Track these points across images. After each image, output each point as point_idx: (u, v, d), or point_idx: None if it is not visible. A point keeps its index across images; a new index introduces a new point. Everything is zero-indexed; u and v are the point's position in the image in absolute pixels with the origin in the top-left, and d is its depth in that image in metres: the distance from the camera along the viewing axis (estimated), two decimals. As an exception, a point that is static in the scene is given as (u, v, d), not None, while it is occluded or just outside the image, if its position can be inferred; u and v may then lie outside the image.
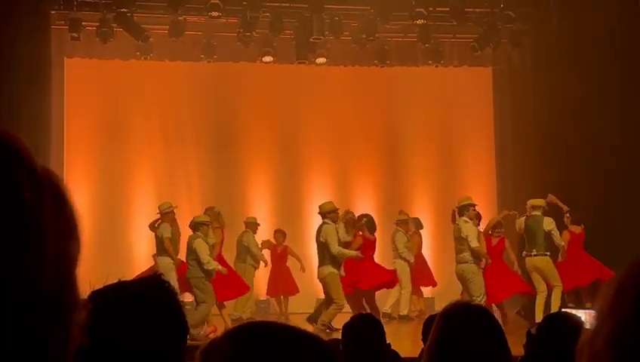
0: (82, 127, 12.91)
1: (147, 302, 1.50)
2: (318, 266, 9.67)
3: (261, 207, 13.16)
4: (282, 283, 11.80)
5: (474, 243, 9.61)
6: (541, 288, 9.80)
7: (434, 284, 11.94)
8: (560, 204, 10.45)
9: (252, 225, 11.52)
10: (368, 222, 10.72)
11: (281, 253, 11.89)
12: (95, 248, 12.65)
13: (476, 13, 12.07)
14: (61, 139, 12.45)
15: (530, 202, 10.12)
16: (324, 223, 9.67)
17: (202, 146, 13.32)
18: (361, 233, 10.56)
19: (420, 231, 11.99)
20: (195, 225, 9.55)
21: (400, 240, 11.25)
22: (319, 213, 9.87)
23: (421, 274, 11.61)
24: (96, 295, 1.51)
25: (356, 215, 10.67)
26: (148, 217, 11.01)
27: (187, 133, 13.35)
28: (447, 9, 11.84)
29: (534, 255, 9.84)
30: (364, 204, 12.81)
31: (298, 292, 11.76)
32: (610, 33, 10.35)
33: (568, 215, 10.39)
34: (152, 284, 1.56)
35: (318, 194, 13.39)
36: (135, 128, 13.12)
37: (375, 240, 10.77)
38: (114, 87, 12.99)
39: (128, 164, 13.10)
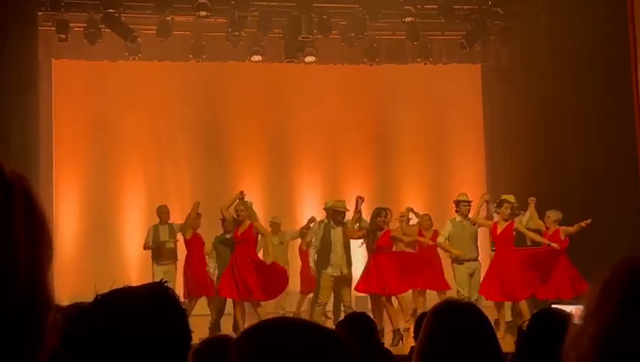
0: (71, 129, 12.87)
1: (148, 309, 1.50)
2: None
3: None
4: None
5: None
6: None
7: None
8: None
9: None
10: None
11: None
12: (85, 249, 12.65)
13: (464, 10, 12.09)
14: (50, 140, 12.40)
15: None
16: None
17: (192, 146, 13.31)
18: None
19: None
20: None
21: None
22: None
23: None
24: (99, 300, 1.51)
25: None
26: (139, 217, 11.00)
27: (177, 133, 13.33)
28: (436, 6, 11.87)
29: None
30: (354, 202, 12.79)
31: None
32: (600, 30, 10.38)
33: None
34: (155, 291, 1.55)
35: (308, 192, 13.41)
36: (124, 129, 13.09)
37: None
38: (102, 88, 12.94)
39: (118, 165, 13.07)
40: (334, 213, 9.86)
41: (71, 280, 12.17)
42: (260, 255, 9.97)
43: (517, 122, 12.64)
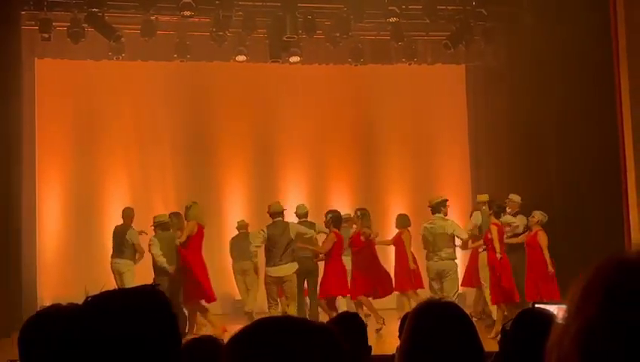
0: (54, 128, 12.79)
1: (137, 311, 1.49)
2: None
3: (236, 207, 13.13)
4: None
5: (464, 236, 9.93)
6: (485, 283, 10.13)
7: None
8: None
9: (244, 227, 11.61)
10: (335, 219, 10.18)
11: None
12: (68, 249, 12.57)
13: (448, 11, 12.13)
14: (33, 140, 12.32)
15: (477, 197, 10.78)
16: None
17: (176, 146, 13.26)
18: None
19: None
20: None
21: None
22: (268, 212, 10.05)
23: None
24: (89, 303, 1.50)
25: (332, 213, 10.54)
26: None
27: (161, 133, 13.28)
28: (420, 7, 11.89)
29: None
30: (340, 202, 12.81)
31: None
32: (584, 31, 10.43)
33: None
34: (144, 293, 1.54)
35: (294, 193, 13.38)
36: (108, 128, 13.03)
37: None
38: (86, 88, 12.88)
39: (102, 165, 13.00)
40: (274, 215, 9.95)
41: (54, 281, 12.11)
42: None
43: (501, 122, 12.71)
